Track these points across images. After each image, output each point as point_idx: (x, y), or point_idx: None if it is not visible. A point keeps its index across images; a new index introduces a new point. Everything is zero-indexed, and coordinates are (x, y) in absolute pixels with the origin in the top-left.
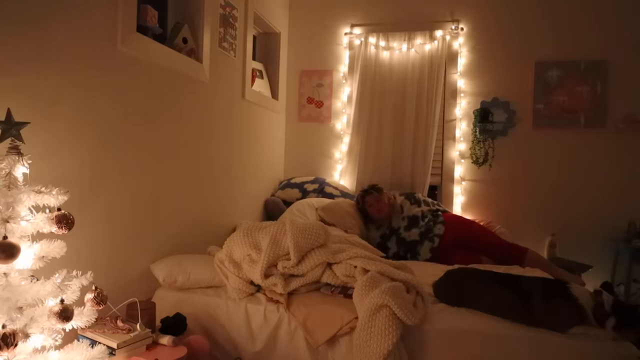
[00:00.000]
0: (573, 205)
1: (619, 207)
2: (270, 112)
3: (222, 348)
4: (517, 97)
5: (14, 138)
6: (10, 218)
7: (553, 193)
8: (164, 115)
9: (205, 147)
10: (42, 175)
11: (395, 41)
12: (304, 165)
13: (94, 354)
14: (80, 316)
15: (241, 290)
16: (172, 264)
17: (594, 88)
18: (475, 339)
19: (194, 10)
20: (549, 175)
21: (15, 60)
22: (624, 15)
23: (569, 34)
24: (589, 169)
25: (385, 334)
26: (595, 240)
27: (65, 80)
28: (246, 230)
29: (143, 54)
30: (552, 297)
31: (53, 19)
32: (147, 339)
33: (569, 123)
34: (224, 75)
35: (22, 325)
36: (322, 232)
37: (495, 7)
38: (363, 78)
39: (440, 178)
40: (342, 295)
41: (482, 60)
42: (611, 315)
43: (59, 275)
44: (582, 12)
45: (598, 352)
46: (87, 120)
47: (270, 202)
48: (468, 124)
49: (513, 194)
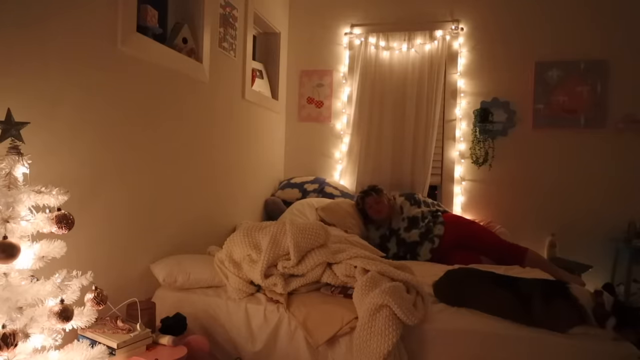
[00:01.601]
0: (573, 205)
1: (619, 207)
2: (270, 112)
3: (222, 348)
4: (517, 97)
5: (14, 138)
6: (10, 218)
7: (553, 193)
8: (164, 115)
9: (205, 147)
10: (42, 175)
11: (395, 41)
12: (304, 165)
13: (94, 354)
14: (80, 316)
15: (241, 290)
16: (172, 264)
17: (594, 88)
18: (475, 338)
19: (194, 10)
20: (549, 175)
21: (15, 60)
22: (624, 15)
23: (569, 34)
24: (588, 169)
25: (385, 334)
26: (595, 240)
27: (65, 80)
28: (246, 230)
29: (143, 54)
30: (552, 298)
31: (53, 19)
32: (147, 339)
33: (569, 123)
34: (224, 75)
35: (22, 325)
36: (322, 232)
37: (495, 7)
38: (363, 78)
39: (440, 178)
40: (342, 295)
41: (482, 60)
42: (611, 315)
43: (59, 275)
44: (582, 12)
45: (598, 352)
46: (87, 120)
47: (270, 202)
48: (468, 124)
49: (513, 194)
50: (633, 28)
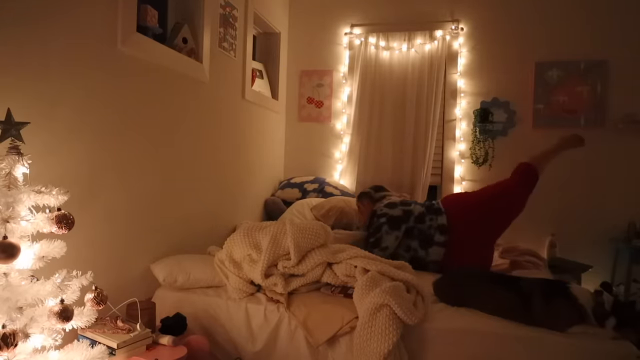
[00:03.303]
0: (573, 205)
1: (619, 207)
2: (270, 112)
3: (222, 348)
4: (517, 97)
5: (14, 138)
6: (10, 218)
7: (553, 193)
8: (164, 116)
9: (205, 147)
10: (42, 175)
11: (395, 41)
12: (304, 165)
13: (94, 354)
14: (80, 316)
15: (241, 290)
16: (172, 264)
17: (594, 88)
18: (476, 338)
19: (194, 10)
20: (549, 175)
21: (16, 60)
22: (624, 15)
23: (569, 34)
24: (588, 169)
25: (385, 334)
26: (595, 240)
27: (65, 80)
28: (246, 230)
29: (143, 54)
30: (552, 297)
31: (53, 19)
32: (147, 339)
33: (569, 123)
34: (224, 75)
35: (22, 325)
36: (322, 232)
37: (495, 7)
38: (363, 78)
39: (440, 178)
40: (342, 295)
41: (482, 60)
42: (611, 315)
43: (59, 275)
44: (583, 12)
45: (598, 351)
46: (87, 120)
47: (270, 202)
48: (468, 124)
49: None
50: (633, 28)
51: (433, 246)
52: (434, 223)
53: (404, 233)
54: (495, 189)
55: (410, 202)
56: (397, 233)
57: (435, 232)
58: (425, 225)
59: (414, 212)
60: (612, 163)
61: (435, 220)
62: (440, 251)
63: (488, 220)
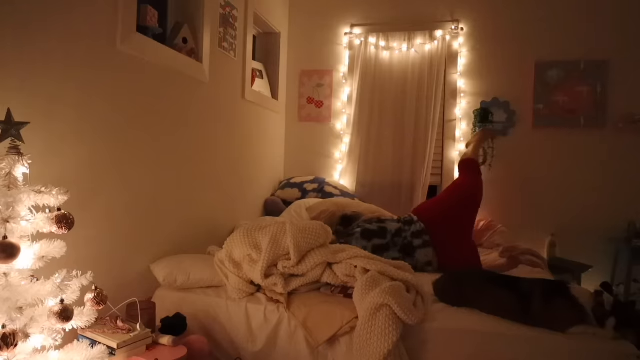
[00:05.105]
0: (573, 205)
1: (619, 207)
2: (270, 112)
3: (222, 348)
4: (517, 97)
5: (14, 138)
6: (10, 218)
7: (553, 193)
8: (164, 116)
9: (205, 147)
10: (42, 175)
11: (395, 41)
12: (304, 165)
13: (94, 354)
14: (80, 316)
15: (241, 290)
16: (172, 264)
17: (594, 88)
18: (476, 338)
19: (194, 10)
20: (549, 175)
21: (15, 60)
22: (624, 15)
23: (569, 34)
24: (589, 169)
25: (385, 334)
26: (595, 240)
27: (65, 80)
28: (246, 230)
29: (143, 54)
30: (552, 297)
31: (53, 19)
32: (147, 339)
33: (569, 123)
34: (224, 76)
35: (22, 325)
36: (322, 231)
37: (495, 7)
38: (363, 78)
39: (440, 178)
40: (342, 295)
41: (482, 60)
42: (611, 315)
43: (59, 275)
44: (583, 12)
45: (598, 351)
46: (87, 120)
47: (270, 202)
48: (468, 124)
49: (513, 194)
50: (633, 28)
51: (416, 250)
52: (408, 233)
53: (380, 247)
54: (450, 187)
55: (385, 219)
56: (365, 243)
57: (412, 239)
58: (401, 237)
59: (389, 228)
60: (612, 163)
61: (409, 231)
62: (427, 252)
63: (456, 214)
